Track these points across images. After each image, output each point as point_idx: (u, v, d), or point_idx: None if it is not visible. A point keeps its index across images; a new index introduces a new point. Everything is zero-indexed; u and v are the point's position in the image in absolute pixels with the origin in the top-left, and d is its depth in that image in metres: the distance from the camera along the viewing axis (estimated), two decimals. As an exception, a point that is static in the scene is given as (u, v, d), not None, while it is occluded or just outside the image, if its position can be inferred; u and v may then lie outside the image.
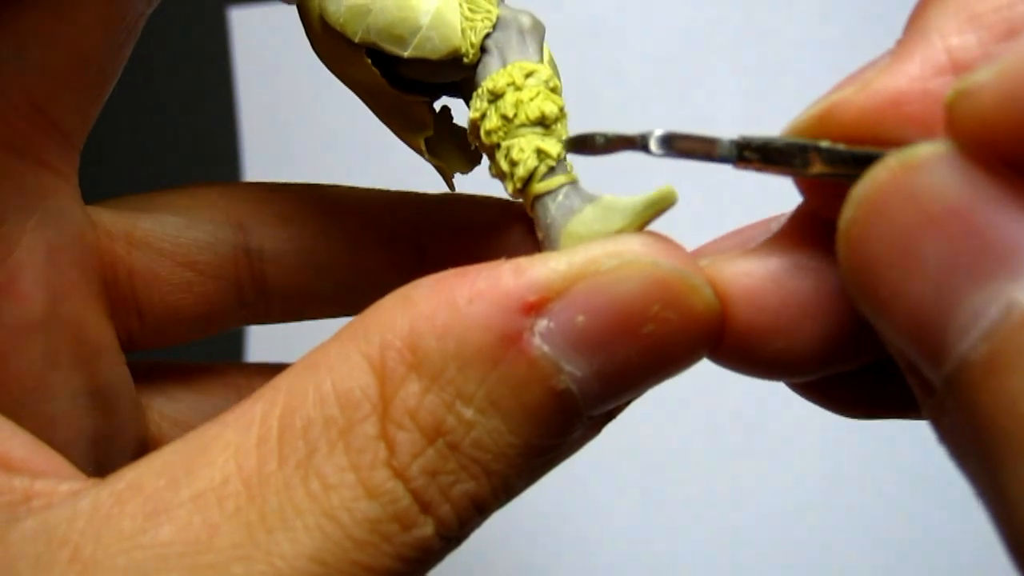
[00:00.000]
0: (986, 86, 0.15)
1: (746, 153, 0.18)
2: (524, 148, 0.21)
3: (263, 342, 0.56)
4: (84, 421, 0.26)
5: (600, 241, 0.18)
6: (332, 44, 0.24)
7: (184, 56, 0.58)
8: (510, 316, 0.17)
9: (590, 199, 0.20)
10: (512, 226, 0.26)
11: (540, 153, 0.21)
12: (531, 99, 0.21)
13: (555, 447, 0.18)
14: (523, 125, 0.21)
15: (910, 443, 0.51)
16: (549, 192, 0.21)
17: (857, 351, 0.19)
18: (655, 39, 0.55)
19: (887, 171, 0.16)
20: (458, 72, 0.23)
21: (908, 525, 0.51)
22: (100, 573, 0.16)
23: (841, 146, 0.17)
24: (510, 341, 0.17)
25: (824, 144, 0.18)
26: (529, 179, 0.21)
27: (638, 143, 0.19)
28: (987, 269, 0.14)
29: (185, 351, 0.30)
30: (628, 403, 0.19)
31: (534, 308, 0.17)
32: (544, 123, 0.21)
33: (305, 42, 0.25)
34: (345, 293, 0.29)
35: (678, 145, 0.18)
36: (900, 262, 0.15)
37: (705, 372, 0.21)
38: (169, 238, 0.28)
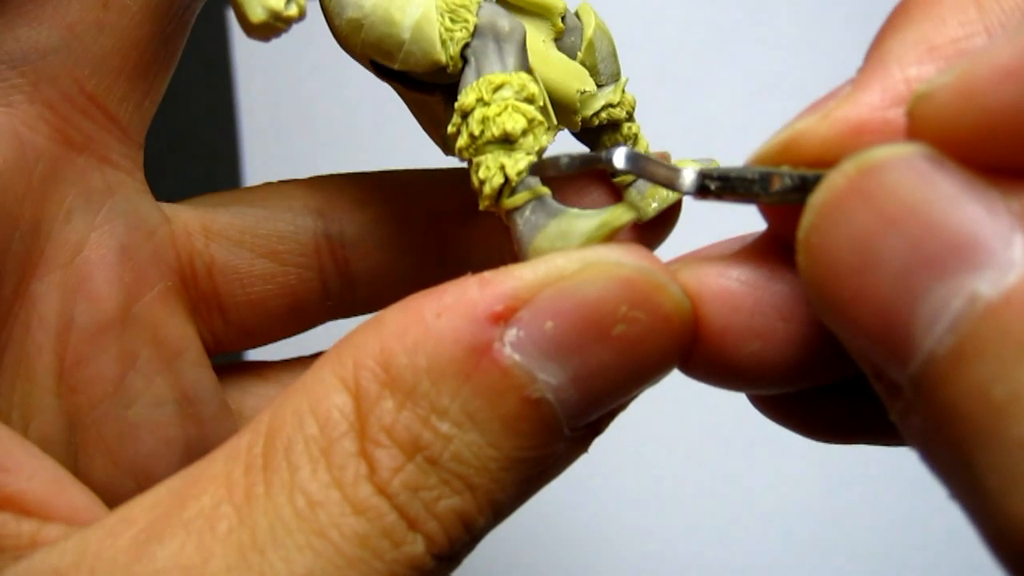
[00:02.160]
0: (944, 88, 0.15)
1: (707, 183, 0.18)
2: (490, 166, 0.21)
3: (260, 356, 0.56)
4: (171, 430, 0.26)
5: (564, 251, 0.18)
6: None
7: (184, 56, 0.58)
8: (478, 327, 0.17)
9: (555, 214, 0.20)
10: (592, 190, 0.26)
11: (505, 170, 0.21)
12: (497, 115, 0.21)
13: (539, 461, 0.18)
14: (489, 142, 0.21)
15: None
16: (517, 208, 0.21)
17: (832, 360, 0.19)
18: (655, 38, 0.55)
19: (843, 176, 0.16)
20: (451, 78, 0.23)
21: (908, 524, 0.51)
22: None
23: (801, 170, 0.18)
24: (480, 352, 0.17)
25: (784, 169, 0.18)
26: (498, 196, 0.21)
27: (603, 160, 0.19)
28: (948, 264, 0.14)
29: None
30: (612, 416, 0.19)
31: (502, 317, 0.17)
32: (509, 140, 0.21)
33: (305, 42, 0.25)
34: (431, 274, 0.28)
35: (641, 165, 0.19)
36: (861, 264, 0.15)
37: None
38: (248, 229, 0.27)
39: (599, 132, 0.26)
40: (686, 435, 0.53)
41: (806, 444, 0.22)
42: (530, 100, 0.21)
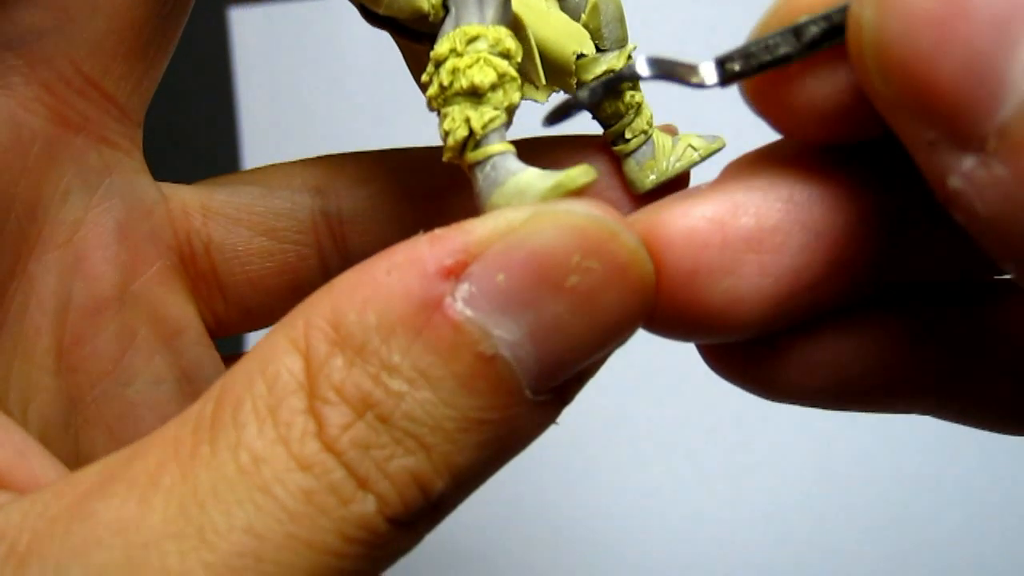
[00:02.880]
0: None
1: (728, 66, 0.18)
2: (456, 118, 0.20)
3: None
4: (171, 408, 0.26)
5: (517, 207, 0.18)
6: None
7: (184, 56, 0.58)
8: (429, 282, 0.17)
9: (515, 172, 0.20)
10: (592, 159, 0.26)
11: (470, 123, 0.20)
12: (468, 67, 0.20)
13: (499, 424, 0.17)
14: (457, 94, 0.20)
15: (909, 443, 0.51)
16: (479, 162, 0.20)
17: (806, 290, 0.19)
18: (656, 37, 0.55)
19: None
20: (436, 27, 0.22)
21: (907, 524, 0.51)
22: (34, 561, 0.16)
23: (821, 13, 0.17)
24: (431, 308, 0.17)
25: (804, 19, 0.17)
26: (462, 149, 0.20)
27: (625, 76, 0.19)
28: None
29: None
30: (580, 382, 0.19)
31: (452, 272, 0.17)
32: (476, 93, 0.20)
33: (305, 42, 0.25)
34: None
35: (664, 67, 0.19)
36: (948, 14, 0.14)
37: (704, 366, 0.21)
38: (245, 207, 0.27)
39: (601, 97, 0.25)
40: (685, 434, 0.53)
41: (805, 442, 0.22)
42: (505, 55, 0.21)
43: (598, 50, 0.25)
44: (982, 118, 0.15)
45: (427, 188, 0.28)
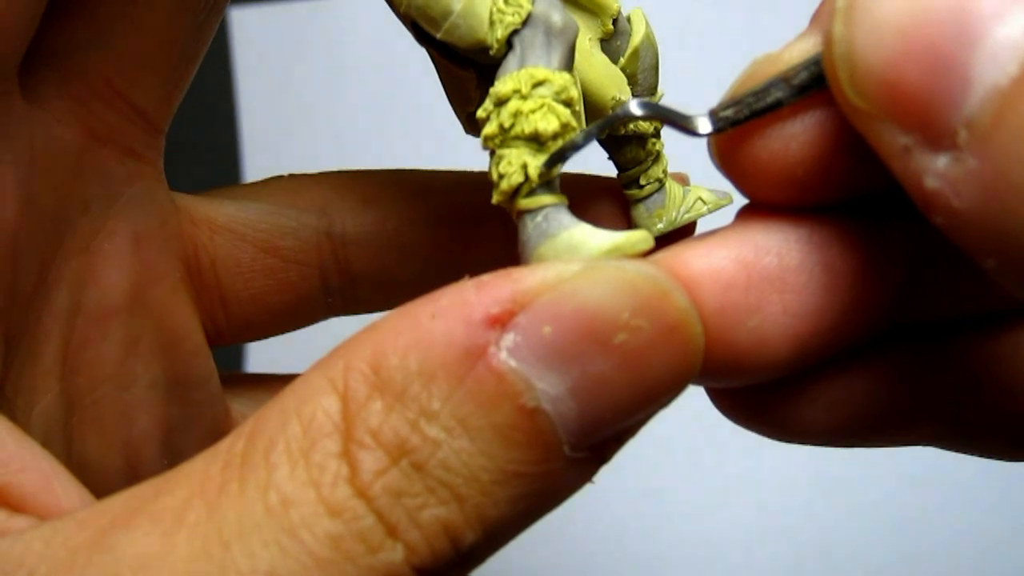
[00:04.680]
0: None
1: (722, 114, 0.18)
2: (512, 162, 0.20)
3: (262, 355, 0.56)
4: (163, 411, 0.26)
5: (567, 260, 0.18)
6: None
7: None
8: (474, 329, 0.16)
9: (568, 226, 0.19)
10: (599, 200, 0.26)
11: (527, 170, 0.20)
12: (531, 111, 0.20)
13: (535, 479, 0.17)
14: (517, 137, 0.20)
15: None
16: (530, 211, 0.20)
17: (830, 328, 0.19)
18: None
19: None
20: (491, 60, 0.22)
21: (907, 525, 0.51)
22: None
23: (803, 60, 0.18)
24: (475, 356, 0.16)
25: (794, 65, 0.18)
26: (515, 194, 0.20)
27: (619, 117, 0.19)
28: (1009, 8, 0.14)
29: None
30: (619, 442, 0.18)
31: (499, 321, 0.16)
32: (538, 140, 0.20)
33: (305, 42, 0.25)
34: (431, 276, 0.27)
35: (657, 110, 0.19)
36: (910, 17, 0.15)
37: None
38: (251, 223, 0.27)
39: (623, 142, 0.25)
40: (685, 434, 0.53)
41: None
42: (568, 103, 0.20)
43: (633, 96, 0.25)
44: (951, 114, 0.15)
45: (432, 215, 0.28)
